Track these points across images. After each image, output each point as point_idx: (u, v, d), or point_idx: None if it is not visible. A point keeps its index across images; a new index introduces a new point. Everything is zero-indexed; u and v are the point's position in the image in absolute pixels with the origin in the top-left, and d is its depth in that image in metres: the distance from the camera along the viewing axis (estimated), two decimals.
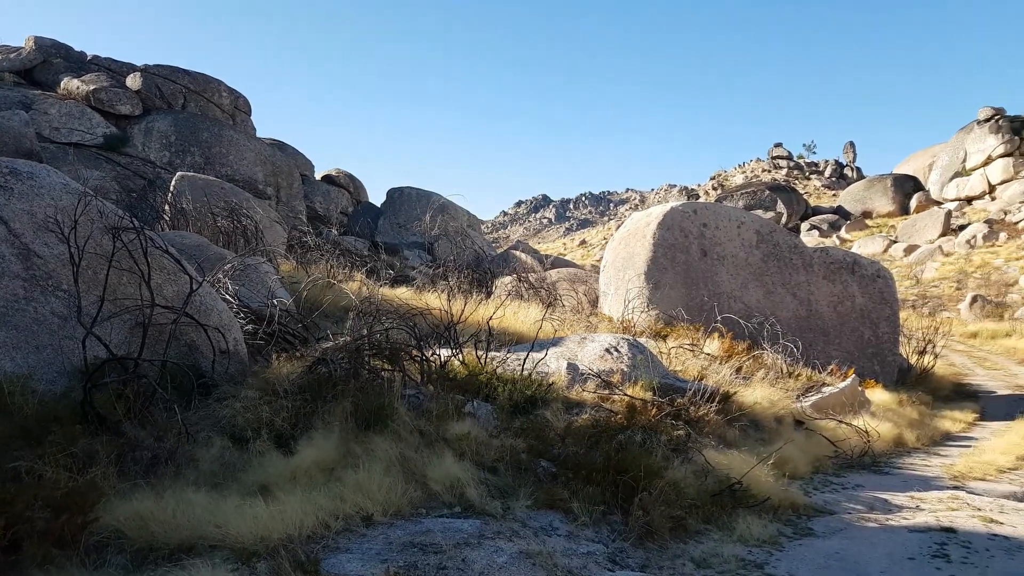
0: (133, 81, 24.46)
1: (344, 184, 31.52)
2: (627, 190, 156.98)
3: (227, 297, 6.84)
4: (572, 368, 7.30)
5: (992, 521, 5.65)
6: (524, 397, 6.02)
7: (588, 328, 11.52)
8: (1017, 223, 38.88)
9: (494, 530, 4.12)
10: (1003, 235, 37.29)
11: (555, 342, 8.50)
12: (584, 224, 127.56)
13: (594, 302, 15.31)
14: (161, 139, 22.89)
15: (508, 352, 7.38)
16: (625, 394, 6.67)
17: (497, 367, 6.54)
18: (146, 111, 23.89)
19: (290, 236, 15.60)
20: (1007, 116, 51.22)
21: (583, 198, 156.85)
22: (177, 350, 5.55)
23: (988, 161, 49.50)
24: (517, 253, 23.55)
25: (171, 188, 15.16)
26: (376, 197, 35.60)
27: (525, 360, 6.80)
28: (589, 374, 7.20)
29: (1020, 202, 42.36)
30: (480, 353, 6.71)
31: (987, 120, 51.24)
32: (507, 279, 16.31)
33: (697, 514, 4.85)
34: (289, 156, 27.82)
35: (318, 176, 31.53)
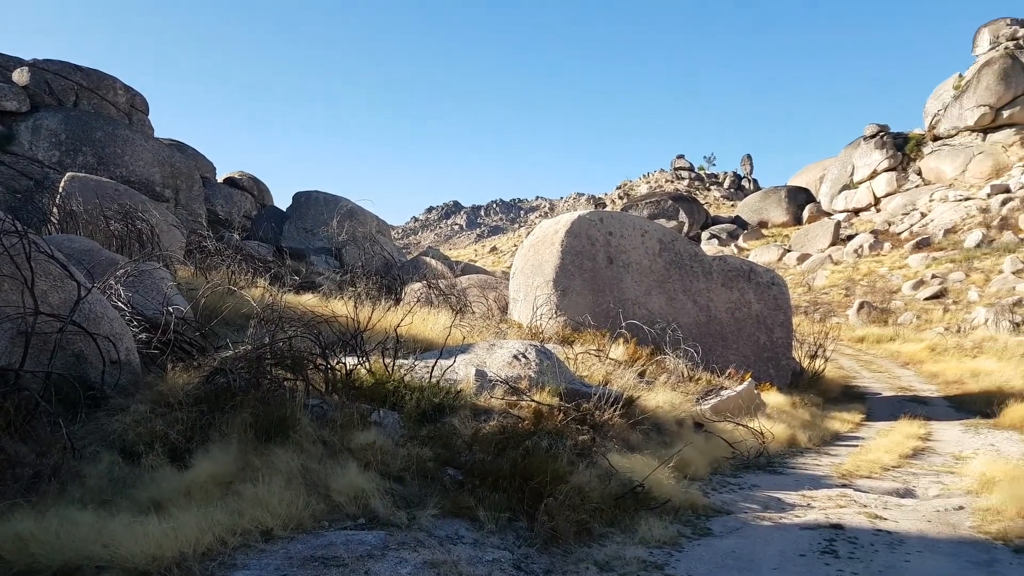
0: (20, 76, 22.97)
1: (248, 187, 30.57)
2: (537, 198, 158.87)
3: (119, 304, 6.50)
4: (480, 375, 7.32)
5: (877, 517, 6.01)
6: (432, 405, 5.99)
7: (498, 334, 11.57)
8: (900, 234, 41.62)
9: (399, 541, 4.07)
10: (887, 245, 39.84)
11: (464, 349, 8.50)
12: (495, 231, 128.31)
13: (504, 309, 15.40)
14: (50, 137, 21.56)
15: (417, 359, 7.33)
16: (532, 400, 6.73)
17: (405, 375, 6.49)
18: (34, 108, 22.46)
19: (189, 241, 14.98)
20: (891, 133, 54.82)
21: (494, 205, 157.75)
22: (64, 361, 5.24)
23: (874, 175, 52.83)
24: (427, 259, 23.43)
25: (60, 189, 14.32)
26: (282, 201, 34.70)
27: (433, 367, 6.76)
28: (497, 381, 7.24)
29: (903, 214, 45.36)
30: (388, 361, 6.63)
31: (872, 136, 54.70)
32: (417, 285, 16.19)
33: (601, 517, 4.94)
34: (189, 157, 26.76)
35: (220, 178, 30.46)
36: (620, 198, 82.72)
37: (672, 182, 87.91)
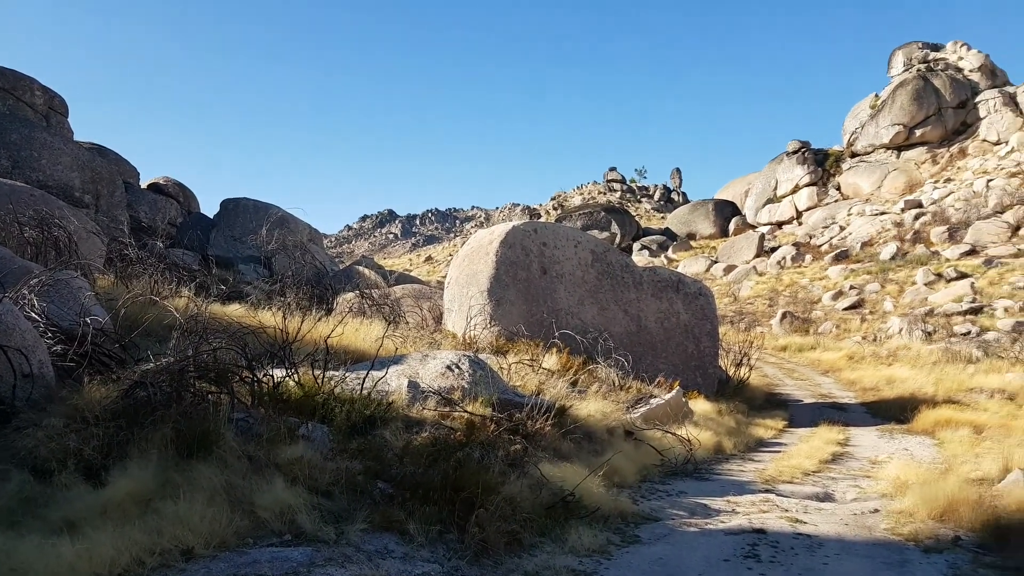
0: None
1: (173, 193, 29.61)
2: (473, 208, 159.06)
3: (32, 315, 6.20)
4: (413, 386, 7.27)
5: (797, 521, 6.22)
6: (363, 417, 5.91)
7: (432, 345, 11.52)
8: (820, 246, 43.30)
9: (325, 556, 4.00)
10: (808, 257, 41.38)
11: (397, 360, 8.42)
12: (430, 240, 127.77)
13: (439, 319, 15.33)
14: None
15: (348, 371, 7.22)
16: (465, 411, 6.72)
17: (335, 387, 6.38)
18: None
19: (110, 249, 14.40)
20: (812, 149, 57.10)
21: (430, 214, 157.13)
22: None
23: (796, 189, 54.90)
24: (361, 269, 23.14)
25: None
26: (209, 208, 33.67)
27: (365, 379, 6.68)
28: (430, 392, 7.20)
29: (823, 227, 47.23)
30: (317, 373, 6.51)
31: (795, 152, 56.84)
32: (350, 295, 15.97)
33: (532, 527, 4.96)
34: (111, 162, 25.74)
35: (144, 184, 29.40)
36: (554, 209, 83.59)
37: (605, 194, 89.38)
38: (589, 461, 6.94)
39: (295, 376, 6.33)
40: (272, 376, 6.17)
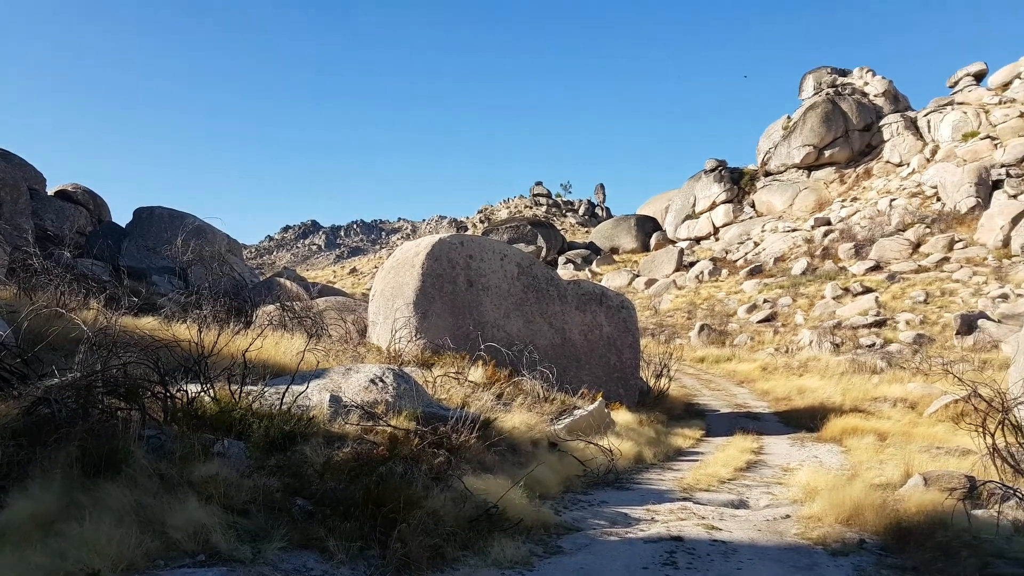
0: None
1: (82, 201, 28.29)
2: (399, 219, 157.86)
3: None
4: (335, 400, 7.15)
5: (713, 528, 6.41)
6: (282, 433, 5.77)
7: (355, 359, 11.36)
8: (736, 261, 44.85)
9: None
10: (725, 271, 42.80)
11: (318, 374, 8.27)
12: (356, 252, 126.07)
13: (363, 332, 15.13)
14: None
15: (266, 386, 7.04)
16: (388, 425, 6.66)
17: (253, 402, 6.22)
18: None
19: (12, 258, 13.65)
20: (728, 167, 59.17)
21: (355, 226, 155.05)
22: None
23: (713, 206, 56.74)
24: (282, 281, 22.62)
25: None
26: (121, 217, 32.33)
27: (284, 394, 6.53)
28: (353, 406, 7.09)
29: (738, 243, 48.94)
30: (234, 388, 6.33)
31: (712, 170, 58.79)
32: (270, 308, 15.59)
33: (455, 541, 4.95)
34: (15, 167, 24.41)
35: (51, 191, 27.97)
36: (481, 222, 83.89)
37: (531, 208, 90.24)
38: (513, 473, 6.97)
39: (211, 391, 6.13)
40: (186, 391, 5.97)
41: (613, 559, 5.28)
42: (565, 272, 50.01)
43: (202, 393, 6.06)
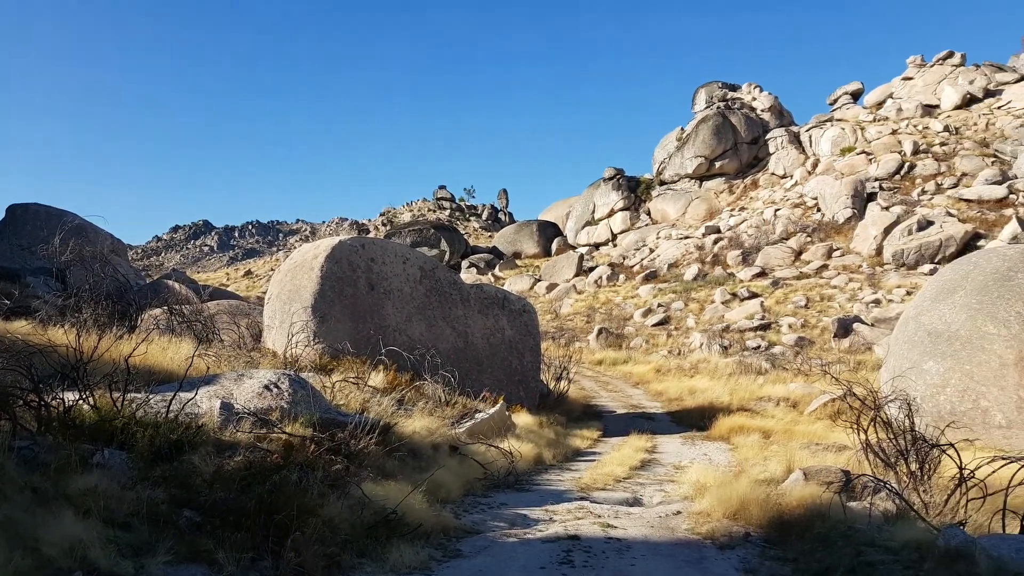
0: None
1: None
2: (298, 221, 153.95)
3: None
4: (227, 407, 6.89)
5: (609, 526, 6.57)
6: (168, 442, 5.50)
7: (249, 364, 10.98)
8: (633, 267, 46.17)
9: None
10: (622, 276, 43.99)
11: (209, 380, 7.94)
12: (251, 254, 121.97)
13: (258, 336, 14.65)
14: None
15: (152, 393, 6.70)
16: (283, 432, 6.47)
17: (137, 410, 5.90)
18: None
19: None
20: (626, 176, 60.84)
21: (250, 227, 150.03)
22: None
23: (611, 213, 58.22)
24: (170, 283, 21.57)
25: None
26: None
27: (171, 401, 6.24)
28: (245, 413, 6.86)
29: (635, 249, 50.40)
30: (116, 395, 5.99)
31: (611, 178, 60.33)
32: (157, 311, 14.85)
33: (353, 548, 4.87)
34: None
35: None
36: (384, 224, 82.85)
37: (434, 211, 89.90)
38: (414, 478, 6.93)
39: (90, 399, 5.79)
40: (63, 399, 5.60)
41: (511, 560, 5.34)
42: (468, 276, 50.08)
43: (80, 401, 5.71)
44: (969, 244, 32.07)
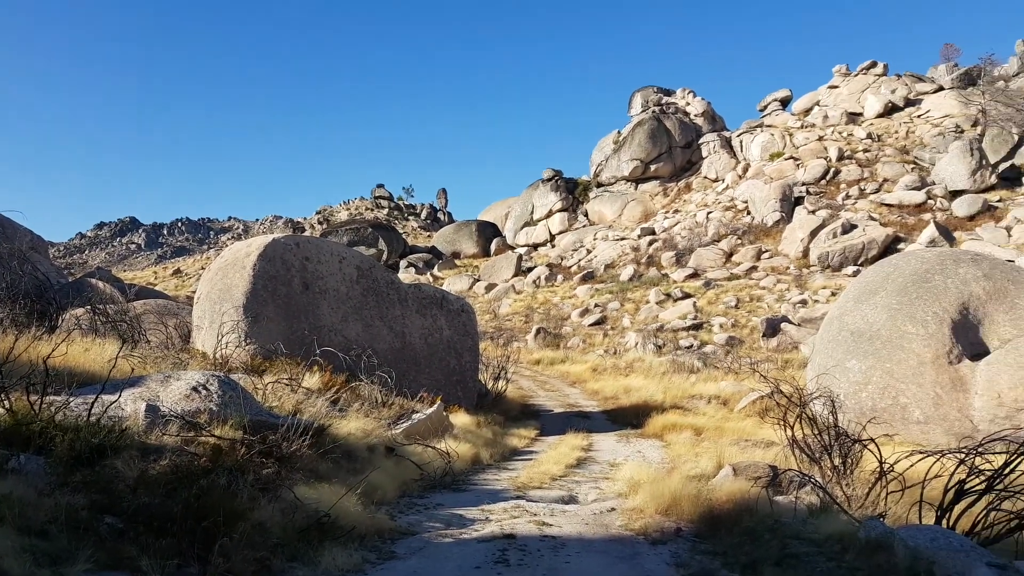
0: None
1: None
2: (230, 218, 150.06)
3: None
4: (152, 410, 6.67)
5: (544, 524, 6.62)
6: (89, 446, 5.29)
7: (177, 365, 10.65)
8: (570, 267, 46.60)
9: None
10: (560, 277, 44.36)
11: (134, 382, 7.67)
12: (180, 252, 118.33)
13: (186, 337, 14.22)
14: None
15: (73, 395, 6.43)
16: (212, 435, 6.30)
17: (56, 413, 5.66)
18: None
19: None
20: (564, 177, 61.35)
21: (180, 224, 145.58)
22: None
23: (550, 214, 58.62)
24: (94, 282, 20.73)
25: None
26: None
27: (94, 404, 6.00)
28: (172, 416, 6.65)
29: (573, 250, 50.90)
30: (34, 398, 5.73)
31: (549, 179, 60.74)
32: (80, 311, 14.26)
33: (284, 552, 4.78)
34: None
35: None
36: (320, 223, 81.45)
37: (372, 210, 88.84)
38: (348, 480, 6.84)
39: (5, 402, 5.52)
40: None
41: (446, 561, 5.32)
42: (407, 276, 49.67)
43: None
44: (890, 247, 33.51)
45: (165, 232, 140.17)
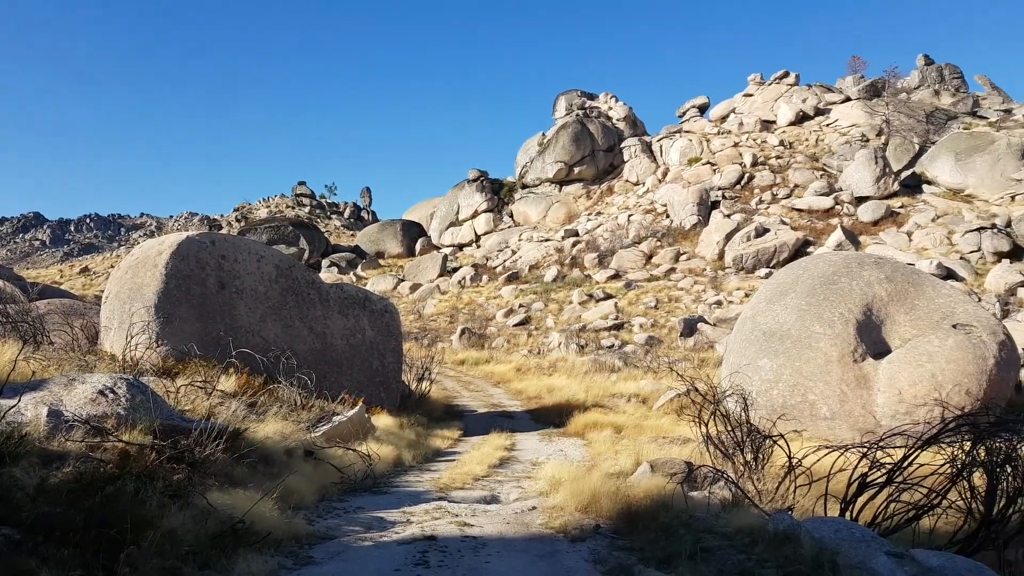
0: None
1: None
2: (142, 215, 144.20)
3: None
4: (55, 415, 6.35)
5: (465, 524, 6.63)
6: None
7: (83, 368, 10.18)
8: (495, 268, 46.76)
9: None
10: (485, 277, 44.45)
11: (35, 386, 7.29)
12: (89, 249, 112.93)
13: (94, 338, 13.58)
14: None
15: None
16: (120, 440, 6.05)
17: None
18: None
19: None
20: (489, 178, 61.55)
21: (88, 220, 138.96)
22: None
23: (475, 215, 58.70)
24: None
25: None
26: None
27: None
28: (77, 421, 6.35)
29: (498, 250, 51.09)
30: None
31: (475, 180, 60.82)
32: None
33: (195, 560, 4.63)
34: None
35: None
36: (238, 221, 79.10)
37: (293, 208, 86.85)
38: (265, 485, 6.68)
39: None
40: None
41: (365, 564, 5.27)
42: (329, 275, 48.76)
43: None
44: (800, 250, 34.99)
45: (72, 229, 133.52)
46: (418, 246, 58.82)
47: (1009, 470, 5.52)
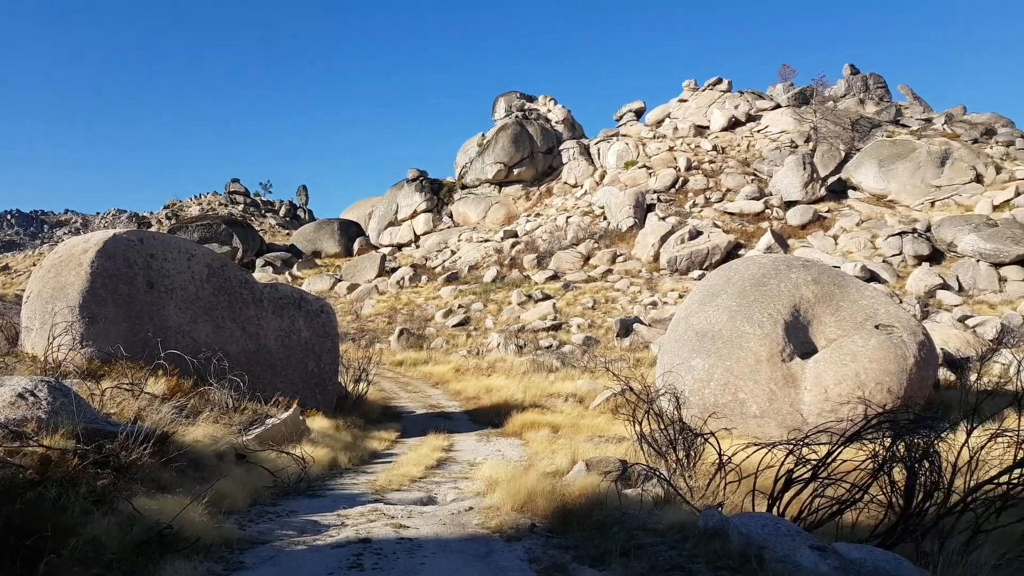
0: None
1: None
2: (67, 211, 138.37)
3: None
4: None
5: (401, 526, 6.60)
6: None
7: (2, 370, 9.76)
8: (435, 268, 46.57)
9: None
10: (425, 278, 44.23)
11: None
12: (10, 247, 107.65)
13: (14, 339, 13.01)
14: None
15: None
16: (41, 445, 5.82)
17: None
18: None
19: None
20: (429, 178, 61.27)
21: (9, 216, 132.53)
22: None
23: (414, 215, 58.35)
24: None
25: None
26: None
27: None
28: None
29: (437, 251, 50.89)
30: None
31: (414, 180, 60.46)
32: None
33: (120, 568, 4.50)
34: None
35: None
36: (168, 218, 76.59)
37: (226, 206, 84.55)
38: (195, 489, 6.51)
39: None
40: None
41: (298, 568, 5.20)
42: (263, 275, 47.70)
43: None
44: (732, 252, 35.97)
45: None
46: (356, 246, 58.09)
47: (927, 465, 5.79)
